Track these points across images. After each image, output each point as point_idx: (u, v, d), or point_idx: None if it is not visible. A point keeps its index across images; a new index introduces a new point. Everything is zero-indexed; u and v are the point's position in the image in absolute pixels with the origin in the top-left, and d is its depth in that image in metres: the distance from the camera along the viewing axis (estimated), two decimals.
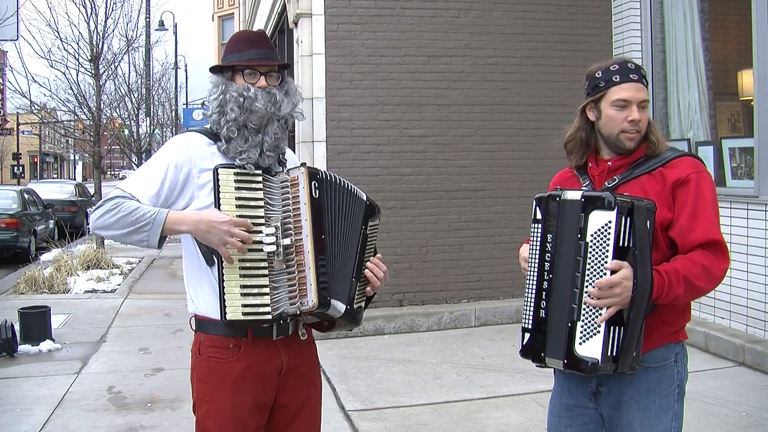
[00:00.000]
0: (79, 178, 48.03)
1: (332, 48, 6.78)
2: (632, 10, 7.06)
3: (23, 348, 6.18)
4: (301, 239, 2.11)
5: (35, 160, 46.37)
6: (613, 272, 1.92)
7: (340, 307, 2.16)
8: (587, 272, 1.96)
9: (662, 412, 2.09)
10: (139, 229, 2.06)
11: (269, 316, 2.08)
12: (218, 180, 2.10)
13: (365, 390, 5.02)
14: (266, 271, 2.10)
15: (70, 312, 7.90)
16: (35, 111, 18.23)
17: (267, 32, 11.11)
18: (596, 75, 2.17)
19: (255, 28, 13.95)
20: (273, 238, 2.09)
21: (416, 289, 6.99)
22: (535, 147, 7.15)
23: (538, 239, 2.12)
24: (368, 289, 2.30)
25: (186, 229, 2.09)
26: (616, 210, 1.92)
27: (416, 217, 6.96)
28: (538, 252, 2.12)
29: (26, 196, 14.53)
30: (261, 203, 2.13)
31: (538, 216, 2.14)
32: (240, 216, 2.08)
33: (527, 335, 2.14)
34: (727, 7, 6.86)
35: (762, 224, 5.38)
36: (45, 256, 12.24)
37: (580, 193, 2.03)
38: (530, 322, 2.13)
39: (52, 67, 13.89)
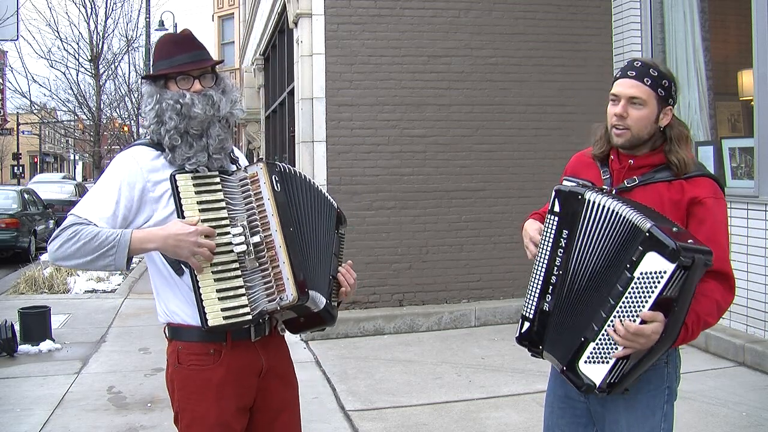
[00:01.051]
0: (79, 178, 48.04)
1: (332, 48, 6.78)
2: (632, 10, 7.06)
3: (23, 348, 6.18)
4: (270, 235, 2.07)
5: (35, 160, 46.36)
6: (643, 321, 1.86)
7: (320, 299, 2.15)
8: (621, 305, 1.90)
9: (650, 412, 2.08)
10: (104, 254, 1.97)
11: (249, 317, 2.04)
12: (177, 186, 2.05)
13: (365, 390, 5.02)
14: (239, 272, 2.05)
15: (70, 312, 7.90)
16: (35, 111, 18.26)
17: (267, 32, 11.15)
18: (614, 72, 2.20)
19: (255, 29, 13.96)
20: (242, 238, 2.05)
21: (416, 289, 6.99)
22: (535, 147, 7.15)
23: (552, 232, 2.10)
24: (342, 290, 2.30)
25: (154, 247, 2.03)
26: (675, 265, 1.81)
27: (416, 217, 6.96)
28: (550, 245, 2.10)
29: (26, 196, 14.53)
30: (223, 204, 2.09)
31: (556, 209, 2.10)
32: (205, 219, 2.04)
33: (526, 324, 2.14)
34: (727, 7, 6.86)
35: (762, 224, 5.38)
36: (45, 256, 12.22)
37: (649, 222, 1.88)
38: (532, 312, 2.13)
39: (52, 67, 13.92)
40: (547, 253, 2.11)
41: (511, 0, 7.15)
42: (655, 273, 1.84)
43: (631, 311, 1.89)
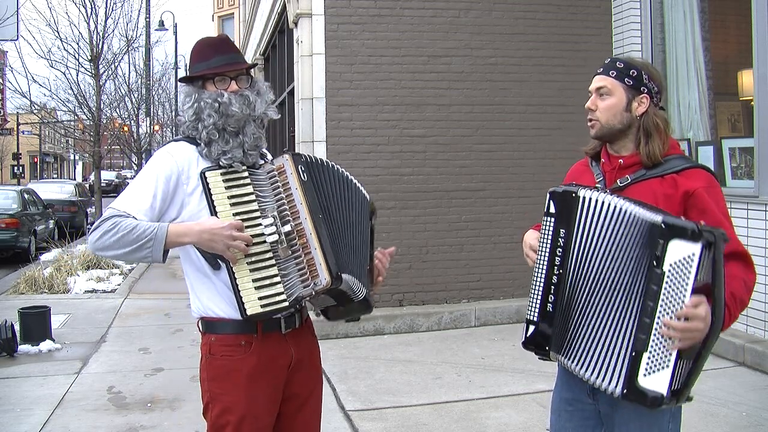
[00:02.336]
0: (78, 178, 48.03)
1: (332, 48, 6.78)
2: (632, 10, 7.06)
3: (23, 348, 6.18)
4: (301, 223, 2.14)
5: (35, 160, 46.36)
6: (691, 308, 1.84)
7: (356, 284, 2.20)
8: (661, 304, 1.86)
9: (660, 413, 2.07)
10: (142, 246, 2.08)
11: (286, 303, 2.11)
12: (207, 183, 2.13)
13: (365, 390, 5.02)
14: (273, 261, 2.13)
15: (70, 312, 7.90)
16: (35, 111, 18.24)
17: (267, 32, 11.15)
18: None
19: (255, 28, 13.96)
20: (273, 228, 2.12)
21: (416, 289, 6.99)
22: (535, 147, 7.15)
23: (550, 233, 2.11)
24: (380, 279, 2.39)
25: (189, 241, 2.12)
26: (701, 244, 1.82)
27: (416, 217, 6.97)
28: (549, 246, 2.10)
29: (26, 196, 14.53)
30: (253, 197, 2.17)
31: (551, 209, 2.11)
32: (236, 213, 2.12)
33: (531, 327, 2.13)
34: (727, 7, 6.87)
35: (762, 224, 5.38)
36: (45, 256, 12.24)
37: (661, 216, 1.89)
38: (536, 315, 2.12)
39: (52, 67, 13.91)
40: (546, 254, 2.11)
41: (511, 0, 7.15)
42: (685, 259, 1.83)
43: (673, 306, 1.86)
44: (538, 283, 2.13)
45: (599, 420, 2.20)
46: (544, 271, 2.11)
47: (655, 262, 1.87)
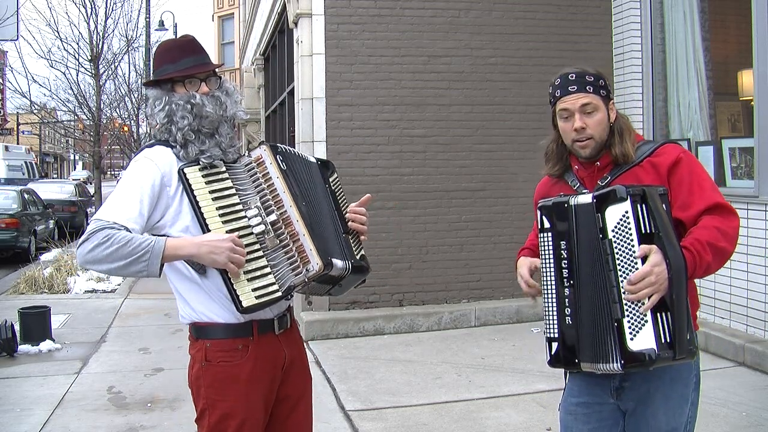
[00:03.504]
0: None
1: (332, 48, 6.78)
2: (632, 10, 7.06)
3: (23, 348, 6.18)
4: (285, 211, 2.15)
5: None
6: (643, 259, 1.91)
7: (341, 263, 2.19)
8: (619, 267, 1.95)
9: (683, 400, 2.12)
10: (137, 259, 1.99)
11: (279, 293, 2.11)
12: (188, 180, 2.12)
13: (365, 390, 5.02)
14: (261, 252, 2.13)
15: (70, 312, 7.90)
16: (35, 111, 18.25)
17: (267, 32, 11.15)
18: (549, 91, 2.24)
19: (255, 28, 13.95)
20: (258, 219, 2.13)
21: (416, 289, 6.99)
22: (535, 147, 7.02)
23: (550, 248, 2.11)
24: (363, 237, 2.39)
25: (187, 253, 2.07)
26: (629, 200, 1.93)
27: (416, 217, 6.96)
28: (552, 260, 2.10)
29: (26, 196, 14.52)
30: (233, 190, 2.16)
31: (546, 225, 2.13)
32: (219, 207, 2.12)
33: (554, 344, 2.10)
34: (727, 7, 6.86)
35: (762, 224, 5.38)
36: (45, 256, 12.23)
37: (590, 195, 2.03)
38: (555, 330, 2.10)
39: (52, 67, 13.92)
40: (552, 270, 2.10)
41: (511, 0, 7.15)
42: (621, 219, 1.94)
43: (629, 265, 1.93)
44: (550, 301, 2.11)
45: (618, 418, 2.20)
46: (553, 287, 2.10)
47: (601, 235, 1.97)
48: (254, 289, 2.08)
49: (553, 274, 2.10)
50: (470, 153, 7.07)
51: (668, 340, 1.92)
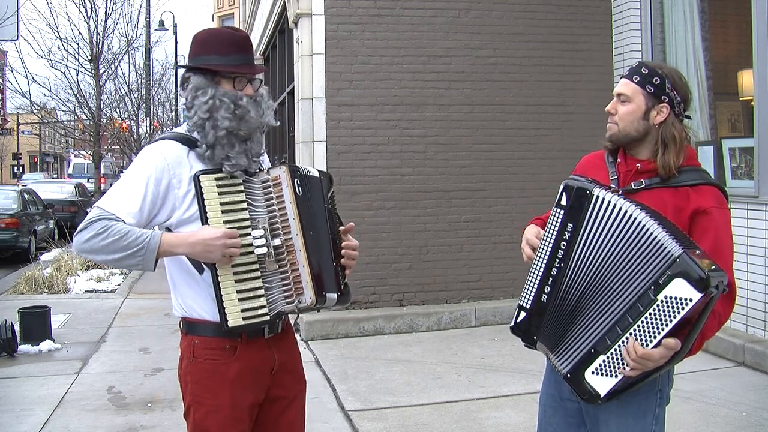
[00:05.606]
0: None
1: (332, 48, 6.78)
2: (632, 10, 7.06)
3: (23, 348, 6.18)
4: (291, 238, 2.11)
5: (35, 160, 46.38)
6: (657, 344, 1.86)
7: (333, 297, 2.19)
8: (639, 325, 1.89)
9: (641, 414, 2.09)
10: (133, 254, 1.99)
11: (267, 317, 2.09)
12: (201, 187, 2.06)
13: (365, 390, 5.02)
14: (259, 273, 2.10)
15: (70, 312, 7.90)
16: (35, 111, 18.25)
17: (267, 32, 11.15)
18: None
19: (255, 28, 13.95)
20: (263, 240, 2.08)
21: (416, 289, 6.99)
22: (535, 147, 7.15)
23: (557, 225, 2.09)
24: (347, 272, 2.32)
25: (182, 252, 2.06)
26: (703, 295, 1.81)
27: (416, 217, 6.96)
28: (554, 237, 2.09)
29: (26, 196, 14.52)
30: (245, 205, 2.11)
31: (563, 201, 2.10)
32: (226, 221, 2.06)
33: (523, 314, 2.15)
34: (727, 7, 6.86)
35: (762, 224, 5.38)
36: (45, 256, 12.22)
37: (680, 248, 1.86)
38: (529, 301, 2.13)
39: (52, 67, 13.93)
40: (550, 245, 2.10)
41: (511, 0, 7.15)
42: (680, 299, 1.83)
43: (648, 332, 1.87)
44: (537, 271, 2.13)
45: (582, 418, 2.22)
46: (545, 261, 2.11)
47: (653, 287, 1.87)
48: (243, 310, 2.05)
49: (549, 249, 2.10)
50: (470, 153, 7.07)
51: (616, 392, 1.97)
